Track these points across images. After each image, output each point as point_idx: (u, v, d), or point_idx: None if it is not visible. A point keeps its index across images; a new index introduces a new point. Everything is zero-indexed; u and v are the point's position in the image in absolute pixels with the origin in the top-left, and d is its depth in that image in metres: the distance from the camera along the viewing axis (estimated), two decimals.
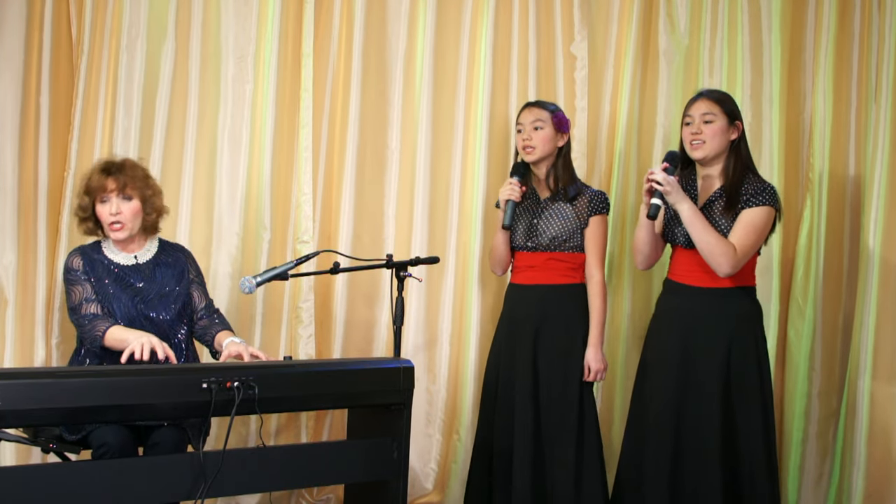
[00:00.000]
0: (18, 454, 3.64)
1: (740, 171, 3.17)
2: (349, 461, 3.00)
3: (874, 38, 3.88)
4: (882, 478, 3.74)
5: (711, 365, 3.13)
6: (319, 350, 4.05)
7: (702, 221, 3.09)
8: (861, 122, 3.96)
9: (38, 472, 2.69)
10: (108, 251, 3.16)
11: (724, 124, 3.17)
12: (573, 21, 4.10)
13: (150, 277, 3.15)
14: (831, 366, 3.99)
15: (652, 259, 3.35)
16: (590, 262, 3.48)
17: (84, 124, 3.82)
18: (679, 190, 3.10)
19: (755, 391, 3.14)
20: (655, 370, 3.25)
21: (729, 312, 3.16)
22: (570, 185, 3.50)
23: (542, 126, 3.48)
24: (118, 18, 3.82)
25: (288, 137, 4.00)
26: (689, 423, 3.14)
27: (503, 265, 3.62)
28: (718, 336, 3.14)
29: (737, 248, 3.07)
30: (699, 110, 3.19)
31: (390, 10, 4.08)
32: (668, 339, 3.23)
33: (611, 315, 4.01)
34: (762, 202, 3.11)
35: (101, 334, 2.96)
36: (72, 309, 3.08)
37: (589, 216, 3.47)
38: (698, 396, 3.14)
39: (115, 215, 3.08)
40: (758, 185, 3.15)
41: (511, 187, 3.43)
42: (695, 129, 3.18)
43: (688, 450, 3.14)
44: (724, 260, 3.06)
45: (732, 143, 3.20)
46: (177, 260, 3.24)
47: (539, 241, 3.48)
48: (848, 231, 3.99)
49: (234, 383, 2.68)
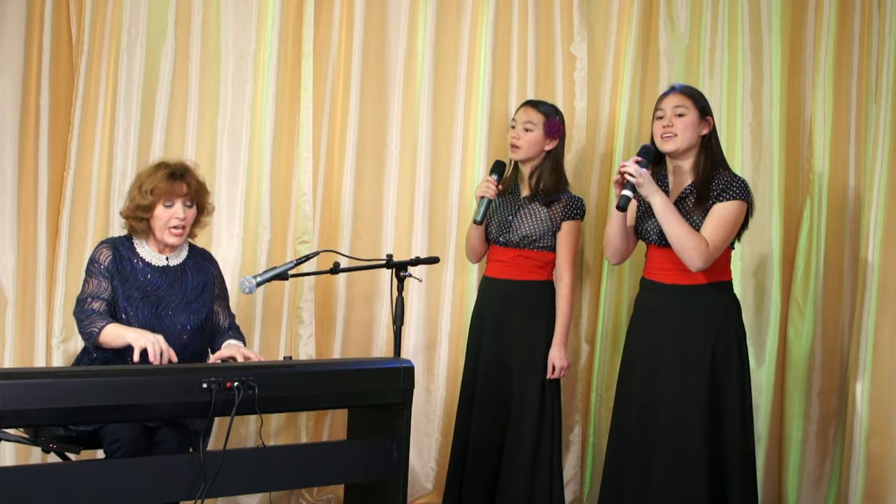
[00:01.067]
0: (18, 454, 3.64)
1: (711, 166, 3.16)
2: (349, 461, 3.00)
3: (874, 38, 3.88)
4: (882, 478, 3.74)
5: (694, 362, 3.11)
6: (319, 350, 4.05)
7: (674, 214, 3.07)
8: (861, 122, 3.96)
9: (38, 472, 2.69)
10: (142, 249, 3.14)
11: (696, 118, 3.16)
12: (573, 21, 4.10)
13: (177, 283, 3.13)
14: (831, 366, 3.99)
15: (623, 253, 3.34)
16: (560, 265, 3.54)
17: (84, 124, 3.82)
18: (652, 182, 3.07)
19: (736, 387, 3.13)
20: (635, 371, 3.24)
21: (708, 309, 3.15)
22: (553, 190, 3.54)
23: (531, 128, 3.53)
24: (118, 18, 3.82)
25: (288, 137, 4.00)
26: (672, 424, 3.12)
27: (477, 255, 3.70)
28: (699, 333, 3.12)
29: (708, 243, 3.06)
30: (671, 103, 3.18)
31: (390, 10, 4.08)
32: (647, 338, 3.21)
33: (613, 315, 4.03)
34: (733, 196, 3.09)
35: (97, 330, 2.95)
36: (78, 300, 3.06)
37: (562, 220, 3.52)
38: (681, 396, 3.11)
39: (180, 220, 3.08)
40: (728, 179, 3.13)
41: (487, 185, 3.45)
42: (666, 121, 3.17)
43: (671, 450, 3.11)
44: (694, 254, 3.04)
45: (703, 138, 3.19)
46: (204, 270, 3.22)
47: (510, 237, 3.54)
48: (848, 231, 3.98)
49: (234, 383, 2.69)
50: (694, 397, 3.10)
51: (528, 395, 3.49)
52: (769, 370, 3.98)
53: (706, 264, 3.07)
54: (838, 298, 3.99)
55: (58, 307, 3.76)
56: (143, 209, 3.07)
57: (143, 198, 3.07)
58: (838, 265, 3.99)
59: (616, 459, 3.27)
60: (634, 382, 3.23)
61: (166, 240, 3.10)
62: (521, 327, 3.52)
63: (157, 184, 3.07)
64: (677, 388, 3.12)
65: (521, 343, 3.51)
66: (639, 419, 3.18)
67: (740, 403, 3.13)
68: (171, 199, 3.08)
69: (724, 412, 3.11)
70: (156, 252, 3.15)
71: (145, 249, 3.14)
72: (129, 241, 3.15)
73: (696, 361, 3.11)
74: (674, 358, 3.14)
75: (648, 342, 3.21)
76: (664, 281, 3.20)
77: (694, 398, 3.10)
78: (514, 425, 3.49)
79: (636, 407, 3.20)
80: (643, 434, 3.16)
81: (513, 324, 3.52)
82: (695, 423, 3.08)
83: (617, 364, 4.03)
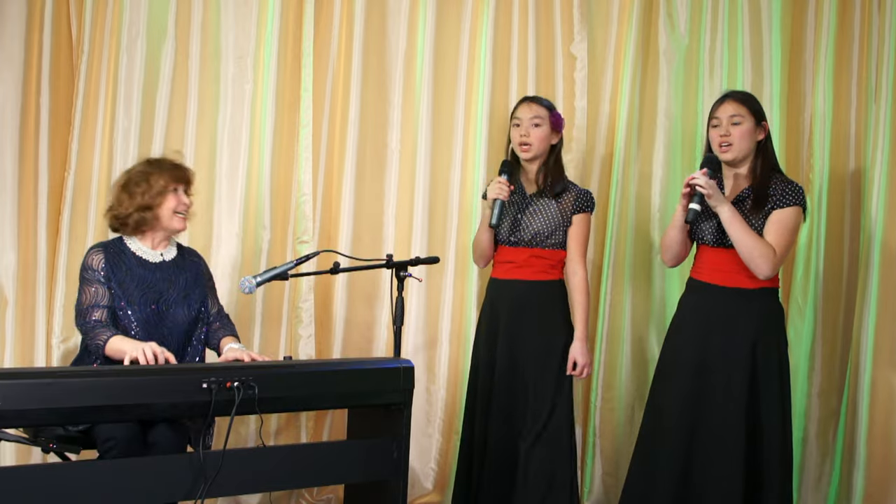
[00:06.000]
0: (18, 454, 3.64)
1: (768, 171, 3.18)
2: (349, 461, 3.00)
3: (874, 38, 3.88)
4: (882, 478, 3.74)
5: (736, 366, 3.12)
6: (319, 350, 4.05)
7: (741, 223, 3.08)
8: (861, 122, 3.96)
9: (38, 472, 2.69)
10: (135, 247, 3.15)
11: (752, 125, 3.17)
12: (573, 21, 4.10)
13: (173, 277, 3.16)
14: (831, 366, 3.99)
15: (681, 257, 3.36)
16: (573, 259, 3.48)
17: (84, 124, 3.82)
18: (719, 193, 3.09)
19: (776, 395, 3.13)
20: (673, 372, 3.23)
21: (755, 313, 3.15)
22: (558, 183, 3.49)
23: (540, 123, 3.47)
24: (118, 18, 3.82)
25: (288, 137, 4.00)
26: (709, 429, 3.12)
27: (486, 259, 3.61)
28: (744, 337, 3.13)
29: (776, 250, 3.08)
30: (726, 112, 3.18)
31: (390, 10, 4.08)
32: (689, 339, 3.22)
33: (613, 315, 4.03)
34: (792, 202, 3.12)
35: (102, 343, 2.95)
36: (79, 312, 3.05)
37: (573, 214, 3.47)
38: (721, 400, 3.12)
39: (186, 205, 3.17)
40: (785, 185, 3.15)
41: (500, 186, 3.38)
42: (723, 131, 3.17)
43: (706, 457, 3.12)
44: (762, 262, 3.06)
45: (759, 143, 3.20)
46: (194, 265, 3.26)
47: (521, 235, 3.47)
48: (848, 231, 3.98)
49: (234, 383, 2.69)
50: (735, 399, 3.10)
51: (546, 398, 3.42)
52: None
53: (774, 271, 3.10)
54: (838, 298, 3.99)
55: (58, 307, 3.76)
56: (149, 206, 3.11)
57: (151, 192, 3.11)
58: (838, 265, 3.99)
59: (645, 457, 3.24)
60: (674, 381, 3.21)
61: (174, 226, 3.15)
62: (537, 328, 3.45)
63: (165, 174, 3.14)
64: (718, 389, 3.12)
65: (539, 345, 3.45)
66: (678, 420, 3.16)
67: (780, 409, 3.13)
68: (179, 184, 3.16)
69: (763, 417, 3.11)
70: (150, 248, 3.16)
71: (139, 247, 3.15)
72: (120, 241, 3.15)
73: (739, 365, 3.11)
74: (717, 360, 3.14)
75: (692, 342, 3.20)
76: (715, 282, 3.20)
77: (735, 399, 3.10)
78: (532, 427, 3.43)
79: (668, 412, 3.19)
80: (681, 433, 3.15)
81: (528, 326, 3.45)
82: (735, 426, 3.09)
83: (617, 364, 4.06)
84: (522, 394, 3.44)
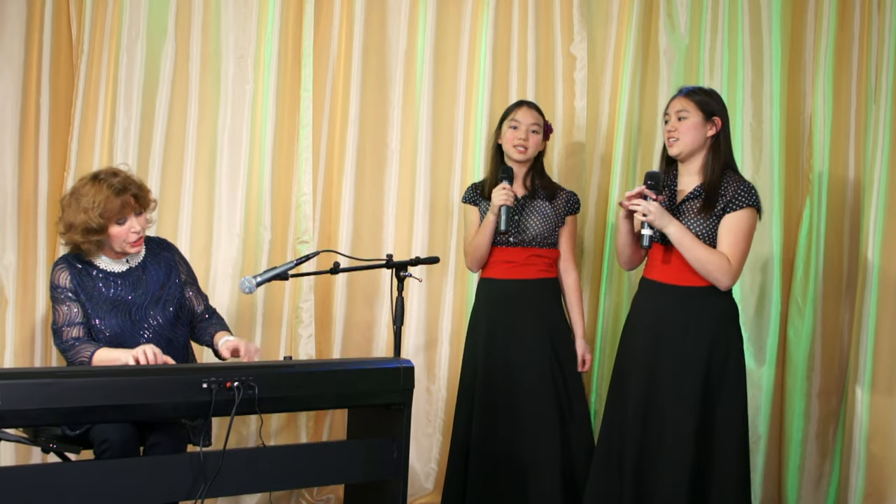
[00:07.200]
0: (18, 454, 3.64)
1: (720, 168, 3.14)
2: (349, 461, 3.00)
3: (874, 39, 3.88)
4: (882, 478, 3.74)
5: (689, 365, 3.09)
6: (319, 350, 4.05)
7: (690, 239, 3.06)
8: (861, 122, 3.96)
9: (38, 472, 2.68)
10: (98, 260, 3.07)
11: (699, 120, 3.15)
12: (573, 21, 4.10)
13: (142, 282, 3.09)
14: (831, 366, 3.99)
15: (635, 260, 3.35)
16: (567, 258, 3.63)
17: (84, 124, 3.82)
18: (663, 213, 3.07)
19: (732, 392, 3.10)
20: (630, 371, 3.22)
21: (708, 311, 3.12)
22: (550, 184, 3.64)
23: (538, 131, 3.61)
24: (118, 18, 3.82)
25: (288, 137, 4.00)
26: (661, 426, 3.10)
27: (481, 263, 3.64)
28: (697, 335, 3.10)
29: (730, 259, 3.05)
30: (675, 108, 3.19)
31: (390, 11, 4.08)
32: (642, 338, 3.20)
33: (613, 315, 4.03)
34: (744, 204, 3.07)
35: (87, 360, 2.91)
36: (55, 332, 3.00)
37: (565, 214, 3.62)
38: (674, 398, 3.10)
39: (137, 233, 3.02)
40: (738, 185, 3.10)
41: (506, 193, 3.45)
42: (670, 126, 3.18)
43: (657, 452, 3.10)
44: (720, 275, 3.05)
45: (711, 139, 3.17)
46: (164, 259, 3.18)
47: (523, 236, 3.56)
48: (848, 231, 3.99)
49: (234, 383, 2.69)
50: (687, 400, 3.08)
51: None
52: (769, 370, 3.98)
53: (733, 281, 3.09)
54: (838, 298, 3.99)
55: None
56: (95, 232, 2.97)
57: (92, 221, 2.94)
58: (838, 265, 3.99)
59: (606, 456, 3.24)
60: (628, 382, 3.21)
61: (127, 251, 3.05)
62: (538, 327, 3.52)
63: (105, 206, 2.94)
64: (672, 389, 3.11)
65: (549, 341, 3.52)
66: (633, 419, 3.16)
67: (736, 408, 3.10)
68: (124, 215, 3.00)
69: (718, 416, 3.09)
70: (113, 260, 3.08)
71: (103, 260, 3.07)
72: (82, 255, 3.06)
73: (691, 364, 3.09)
74: (669, 360, 3.12)
75: (645, 342, 3.18)
76: (665, 281, 3.18)
77: (687, 401, 3.08)
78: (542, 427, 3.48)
79: (630, 406, 3.18)
80: (635, 434, 3.14)
81: (528, 323, 3.52)
82: (686, 425, 3.06)
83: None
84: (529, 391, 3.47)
